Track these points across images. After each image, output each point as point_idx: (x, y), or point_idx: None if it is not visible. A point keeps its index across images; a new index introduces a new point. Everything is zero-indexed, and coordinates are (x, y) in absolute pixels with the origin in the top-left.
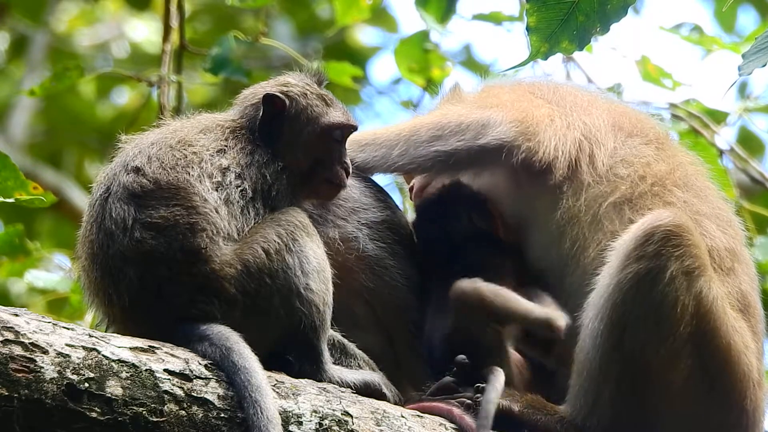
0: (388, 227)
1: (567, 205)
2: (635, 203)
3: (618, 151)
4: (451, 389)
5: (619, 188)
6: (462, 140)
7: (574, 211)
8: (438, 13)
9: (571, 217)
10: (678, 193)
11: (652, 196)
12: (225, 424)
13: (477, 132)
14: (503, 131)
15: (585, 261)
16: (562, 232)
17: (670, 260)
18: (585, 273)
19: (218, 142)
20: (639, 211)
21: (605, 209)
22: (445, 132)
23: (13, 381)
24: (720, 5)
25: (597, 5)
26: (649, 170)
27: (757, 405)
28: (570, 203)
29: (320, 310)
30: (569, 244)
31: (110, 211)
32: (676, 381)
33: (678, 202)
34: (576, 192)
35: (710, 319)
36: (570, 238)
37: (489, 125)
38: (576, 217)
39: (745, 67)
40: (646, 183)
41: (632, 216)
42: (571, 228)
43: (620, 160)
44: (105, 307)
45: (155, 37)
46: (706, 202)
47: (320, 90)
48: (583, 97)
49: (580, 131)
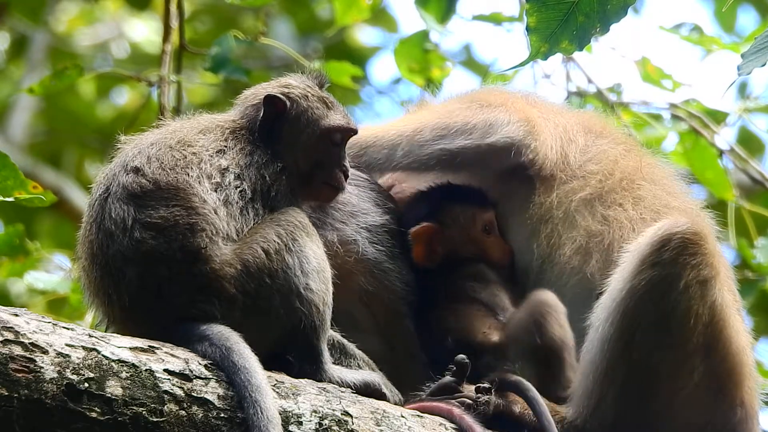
0: (388, 231)
1: (539, 201)
2: (605, 198)
3: (589, 149)
4: (451, 389)
5: (590, 183)
6: (469, 139)
7: (546, 207)
8: (438, 13)
9: (543, 213)
10: (647, 186)
11: (621, 190)
12: (225, 424)
13: (484, 131)
14: (512, 130)
15: (561, 259)
16: (536, 230)
17: (685, 268)
18: (562, 272)
19: (217, 142)
20: (610, 206)
21: (576, 205)
22: (450, 131)
23: (13, 381)
24: (720, 5)
25: (597, 5)
26: (617, 167)
27: (753, 398)
28: (542, 199)
29: (320, 310)
30: (545, 242)
31: (110, 212)
32: (683, 386)
33: (648, 195)
34: (548, 188)
35: (722, 327)
36: (545, 235)
37: (497, 124)
38: (549, 213)
39: (744, 67)
40: (614, 178)
41: (603, 211)
42: (544, 225)
43: (591, 158)
44: (105, 307)
45: (155, 37)
46: (675, 197)
47: (321, 92)
48: (551, 103)
49: (561, 129)
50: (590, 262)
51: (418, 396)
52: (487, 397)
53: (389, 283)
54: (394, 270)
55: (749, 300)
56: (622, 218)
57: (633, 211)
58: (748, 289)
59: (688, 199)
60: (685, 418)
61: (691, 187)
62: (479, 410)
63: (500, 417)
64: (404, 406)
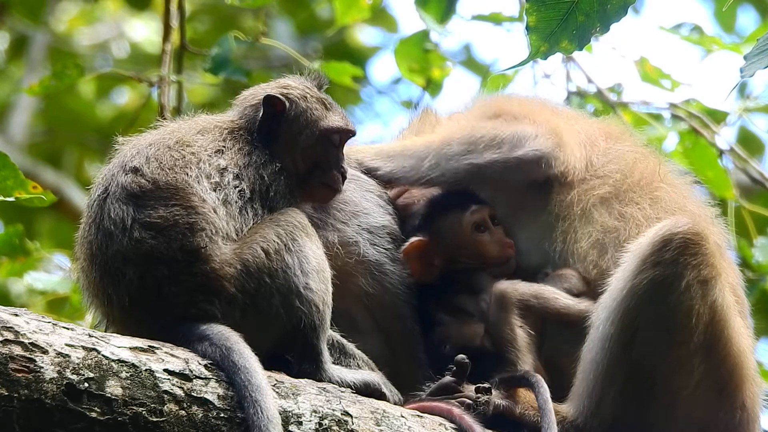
0: (389, 232)
1: (559, 198)
2: (623, 196)
3: (609, 152)
4: (451, 389)
5: (608, 182)
6: (498, 152)
7: (566, 204)
8: (438, 13)
9: (562, 210)
10: (665, 188)
11: (639, 189)
12: (225, 424)
13: (513, 144)
14: (541, 143)
15: (579, 252)
16: (554, 226)
17: (687, 268)
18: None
19: (216, 142)
20: (627, 204)
21: (594, 201)
22: (479, 146)
23: (13, 381)
24: (720, 5)
25: (597, 5)
26: (636, 168)
27: (755, 401)
28: (561, 197)
29: (320, 309)
30: (561, 238)
31: (109, 212)
32: (684, 386)
33: (665, 196)
34: (568, 187)
35: (722, 327)
36: (561, 231)
37: (525, 137)
38: (567, 210)
39: (747, 69)
40: (633, 178)
41: (621, 208)
42: (562, 221)
43: (611, 159)
44: (104, 307)
45: (155, 37)
46: (691, 202)
47: (320, 93)
48: (570, 111)
49: (583, 135)
50: (605, 256)
51: (418, 396)
52: (487, 397)
53: (390, 285)
54: (395, 272)
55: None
56: (639, 216)
57: (650, 210)
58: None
59: (704, 205)
60: (686, 418)
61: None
62: (479, 410)
63: (500, 417)
64: (404, 406)
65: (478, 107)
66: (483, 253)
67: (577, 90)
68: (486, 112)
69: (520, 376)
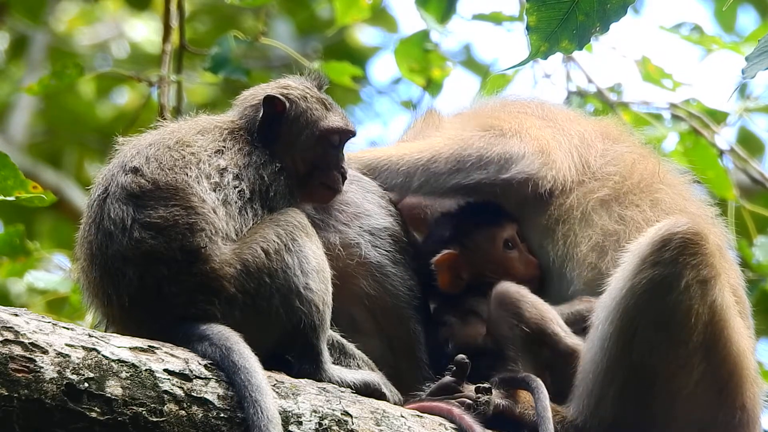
0: (390, 234)
1: (558, 203)
2: (623, 199)
3: (607, 153)
4: (451, 389)
5: (607, 185)
6: (485, 174)
7: (565, 208)
8: (438, 13)
9: (561, 214)
10: (665, 190)
11: (639, 192)
12: (225, 424)
13: (500, 166)
14: (527, 164)
15: (578, 256)
16: (553, 230)
17: (686, 268)
18: (580, 269)
19: (216, 143)
20: (627, 207)
21: (593, 204)
22: (465, 165)
23: (13, 381)
24: (720, 5)
25: (597, 5)
26: (635, 169)
27: (755, 402)
28: (560, 201)
29: (320, 309)
30: (561, 242)
31: (109, 212)
32: (684, 387)
33: (665, 198)
34: (566, 192)
35: (722, 327)
36: (561, 234)
37: (512, 159)
38: (567, 214)
39: (749, 70)
40: (633, 180)
41: (620, 211)
42: (562, 225)
43: (609, 161)
44: (104, 307)
45: (155, 37)
46: (692, 203)
47: (320, 94)
48: (569, 112)
49: (577, 139)
50: (605, 259)
51: (418, 396)
52: (487, 397)
53: (391, 287)
54: (397, 274)
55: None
56: (639, 219)
57: (650, 212)
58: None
59: (704, 206)
60: (685, 418)
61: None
62: (479, 410)
63: (500, 417)
64: (404, 406)
65: (469, 116)
66: (510, 270)
67: (577, 90)
68: (476, 124)
69: (521, 378)
